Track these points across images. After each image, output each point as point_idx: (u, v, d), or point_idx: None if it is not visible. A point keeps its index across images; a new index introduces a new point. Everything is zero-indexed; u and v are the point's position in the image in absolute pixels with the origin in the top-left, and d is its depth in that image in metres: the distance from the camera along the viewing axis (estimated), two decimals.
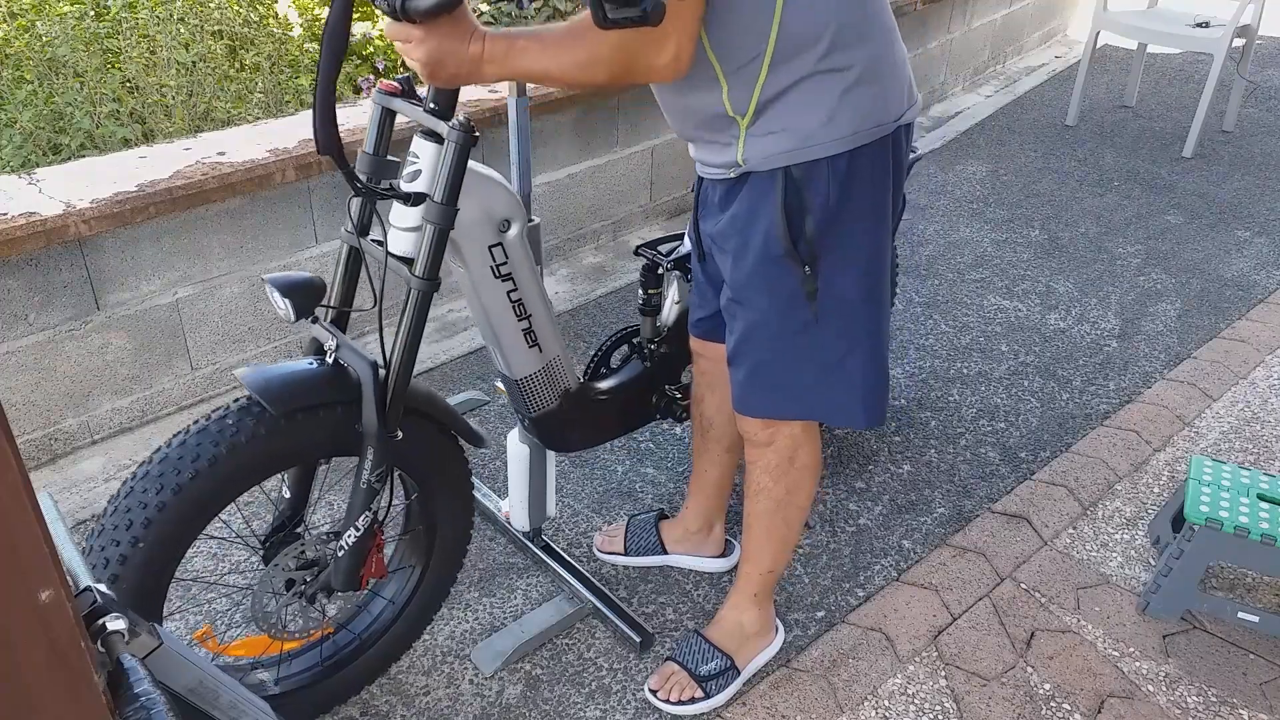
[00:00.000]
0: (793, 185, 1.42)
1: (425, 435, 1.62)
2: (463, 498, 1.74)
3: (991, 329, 3.10)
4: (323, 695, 1.75)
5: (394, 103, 1.50)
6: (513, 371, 1.73)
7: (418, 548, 1.77)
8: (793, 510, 1.75)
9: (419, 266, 1.45)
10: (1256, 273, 3.48)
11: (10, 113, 2.98)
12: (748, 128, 1.42)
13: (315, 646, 1.74)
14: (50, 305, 2.28)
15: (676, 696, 1.81)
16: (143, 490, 1.40)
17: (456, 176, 1.42)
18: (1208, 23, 4.45)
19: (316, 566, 1.62)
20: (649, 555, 2.13)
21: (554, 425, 1.83)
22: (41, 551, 0.60)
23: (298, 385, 1.46)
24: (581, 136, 3.30)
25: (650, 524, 2.16)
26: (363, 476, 1.50)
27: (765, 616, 1.90)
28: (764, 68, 1.36)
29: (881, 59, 1.42)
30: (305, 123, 2.75)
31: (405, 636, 1.82)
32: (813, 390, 1.59)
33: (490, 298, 1.62)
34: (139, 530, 1.38)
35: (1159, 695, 1.88)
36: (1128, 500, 2.38)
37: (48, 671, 0.64)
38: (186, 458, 1.40)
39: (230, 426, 1.42)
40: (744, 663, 1.87)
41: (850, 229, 1.47)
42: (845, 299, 1.51)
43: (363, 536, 1.55)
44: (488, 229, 1.56)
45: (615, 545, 2.15)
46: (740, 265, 1.53)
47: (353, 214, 1.54)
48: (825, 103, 1.38)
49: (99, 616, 0.80)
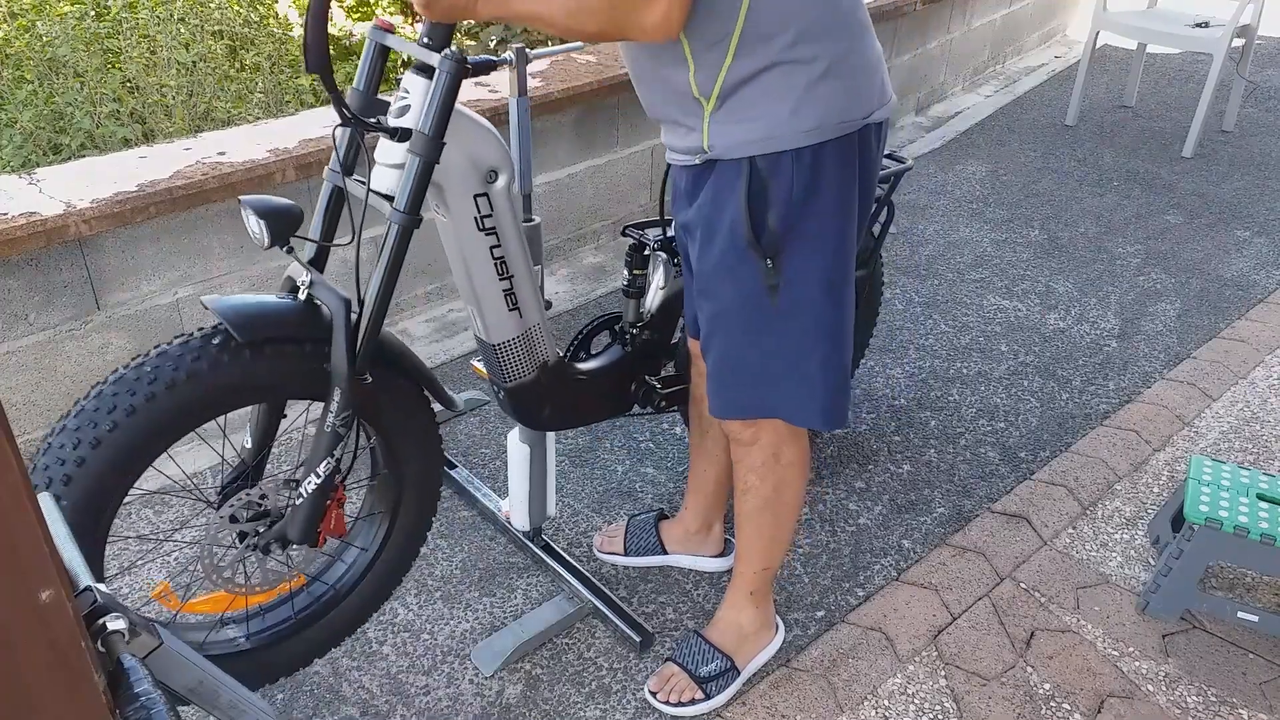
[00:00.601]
0: (758, 176, 1.43)
1: (394, 386, 1.57)
2: (430, 453, 1.69)
3: (991, 329, 3.10)
4: (300, 648, 1.71)
5: (388, 39, 1.49)
6: (490, 335, 1.67)
7: (386, 496, 1.72)
8: (782, 507, 1.75)
9: (400, 200, 1.42)
10: (1256, 273, 3.48)
11: (10, 113, 2.99)
12: (712, 113, 1.43)
13: (288, 600, 1.69)
14: (50, 305, 2.29)
15: (676, 698, 1.81)
16: (94, 410, 1.34)
17: (445, 107, 1.39)
18: (1208, 23, 4.45)
19: (269, 517, 1.57)
20: (648, 555, 2.13)
21: (528, 398, 1.77)
22: (41, 551, 0.60)
23: (266, 316, 1.41)
24: (581, 136, 3.31)
25: (650, 524, 2.16)
26: (327, 420, 1.45)
27: (764, 614, 1.90)
28: (730, 51, 1.37)
29: (850, 55, 1.42)
30: (305, 123, 2.75)
31: (382, 585, 1.77)
32: (772, 387, 1.59)
33: (471, 251, 1.57)
34: (86, 450, 1.32)
35: (1159, 695, 1.88)
36: (1127, 500, 2.38)
37: (48, 671, 0.64)
38: (143, 379, 1.34)
39: (193, 351, 1.37)
40: (744, 662, 1.87)
41: (814, 225, 1.47)
42: (806, 296, 1.51)
43: (322, 485, 1.49)
44: (473, 176, 1.52)
45: (615, 545, 2.15)
46: (706, 255, 1.53)
47: (339, 148, 1.51)
48: (790, 94, 1.39)
49: (99, 616, 0.81)
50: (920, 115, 5.03)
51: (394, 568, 1.78)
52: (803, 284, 1.50)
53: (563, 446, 2.51)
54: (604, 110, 3.33)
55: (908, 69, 4.81)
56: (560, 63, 3.31)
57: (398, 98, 1.46)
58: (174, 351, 1.37)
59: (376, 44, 1.49)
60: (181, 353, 1.37)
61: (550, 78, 3.17)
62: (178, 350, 1.37)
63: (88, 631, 0.75)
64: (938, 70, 5.11)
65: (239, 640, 1.65)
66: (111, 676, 0.77)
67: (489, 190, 1.54)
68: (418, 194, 1.42)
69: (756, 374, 1.59)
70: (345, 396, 1.45)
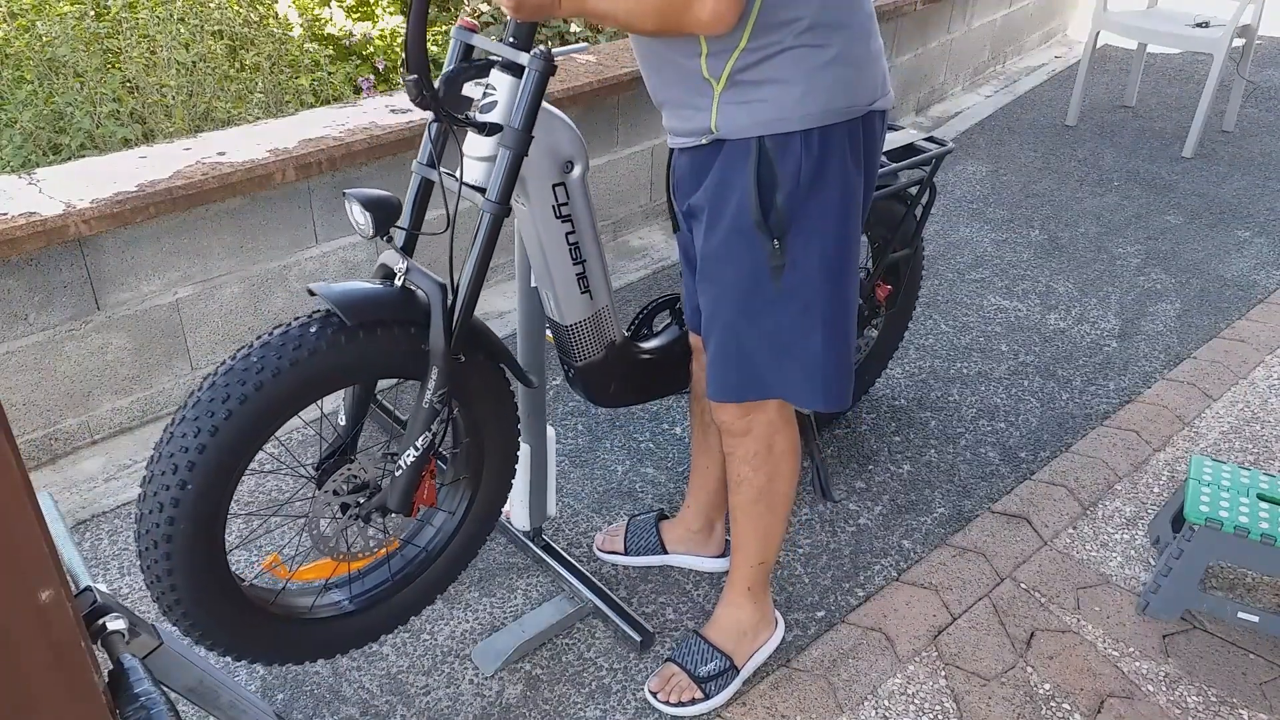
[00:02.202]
0: (765, 156, 1.45)
1: (480, 365, 1.67)
2: (508, 425, 1.79)
3: (991, 329, 3.10)
4: (398, 608, 1.81)
5: (473, 38, 1.56)
6: (563, 317, 1.77)
7: (470, 465, 1.81)
8: (776, 498, 1.76)
9: (491, 190, 1.50)
10: (1256, 273, 3.48)
11: (10, 113, 2.99)
12: (721, 93, 1.44)
13: (383, 563, 1.79)
14: (50, 305, 2.29)
15: (676, 698, 1.81)
16: (225, 384, 1.42)
17: (535, 102, 1.47)
18: (1208, 23, 4.46)
19: (368, 489, 1.66)
20: (649, 555, 2.13)
21: (596, 376, 1.88)
22: (41, 551, 0.60)
23: (372, 300, 1.51)
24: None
25: (650, 524, 2.16)
26: (425, 397, 1.54)
27: (762, 611, 1.90)
28: (744, 35, 1.38)
29: (858, 44, 1.45)
30: (305, 123, 2.75)
31: (468, 546, 1.86)
32: (773, 368, 1.61)
33: (549, 237, 1.66)
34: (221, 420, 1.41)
35: (1159, 695, 1.88)
36: (1128, 500, 2.38)
37: (48, 671, 0.64)
38: (270, 358, 1.43)
39: (312, 335, 1.46)
40: (743, 660, 1.87)
41: (819, 207, 1.49)
42: (809, 278, 1.53)
43: (420, 457, 1.59)
44: (553, 167, 1.61)
45: (615, 545, 2.15)
46: (711, 236, 1.55)
47: (431, 142, 1.60)
48: (800, 78, 1.41)
49: (99, 616, 0.81)
50: (920, 115, 5.03)
51: (477, 531, 1.87)
52: (806, 265, 1.52)
53: (563, 446, 2.51)
54: (604, 110, 3.33)
55: (908, 69, 4.81)
56: (560, 63, 3.31)
57: (485, 94, 1.53)
58: (294, 334, 1.46)
59: (461, 43, 1.57)
60: (302, 335, 1.46)
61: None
62: (297, 333, 1.46)
63: (88, 631, 0.75)
64: (938, 70, 5.11)
65: (343, 603, 1.76)
66: (111, 676, 0.77)
67: (566, 180, 1.64)
68: (508, 185, 1.50)
69: (757, 355, 1.60)
70: (442, 375, 1.54)
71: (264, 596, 1.64)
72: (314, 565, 1.70)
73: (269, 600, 1.64)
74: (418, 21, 1.37)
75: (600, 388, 1.92)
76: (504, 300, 3.16)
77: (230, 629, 1.56)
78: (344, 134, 2.67)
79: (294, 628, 1.68)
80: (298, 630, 1.69)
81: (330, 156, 2.59)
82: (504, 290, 3.21)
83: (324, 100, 3.52)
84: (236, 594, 1.55)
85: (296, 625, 1.68)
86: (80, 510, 2.26)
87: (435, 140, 1.60)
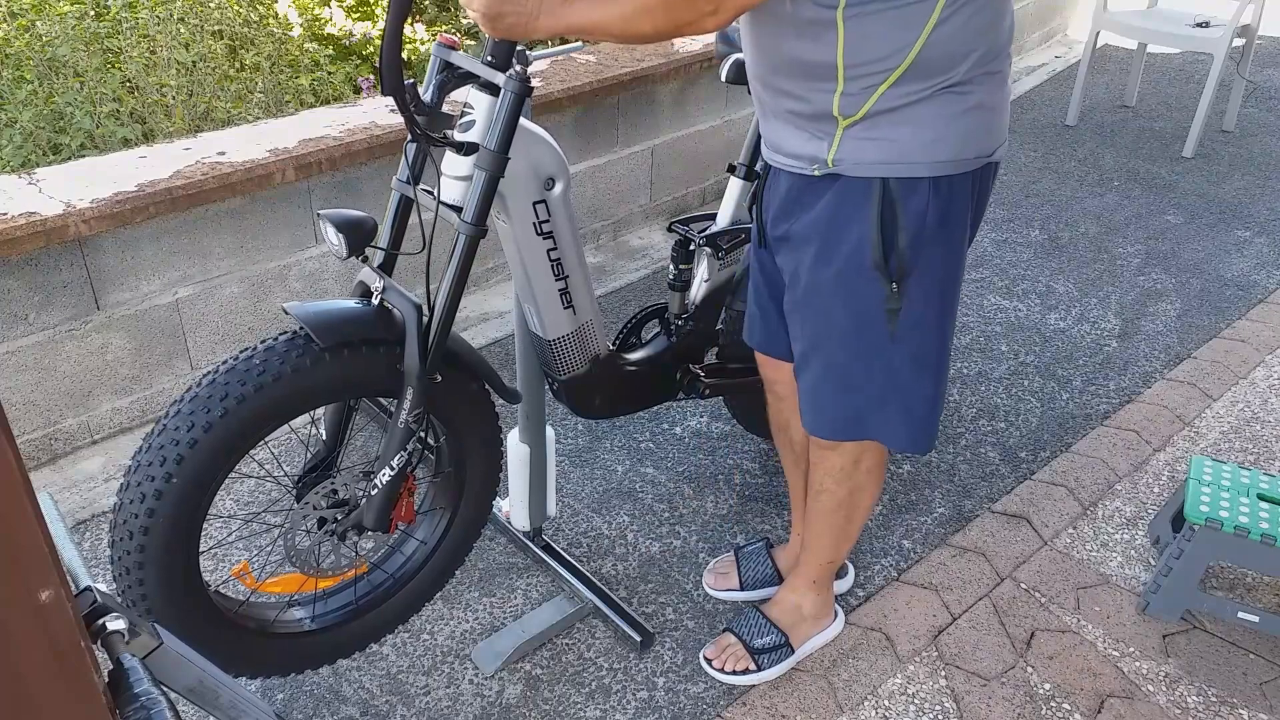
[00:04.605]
0: (889, 198, 1.40)
1: (460, 383, 1.66)
2: (492, 446, 1.78)
3: (991, 329, 3.10)
4: (357, 633, 1.80)
5: (452, 55, 1.55)
6: (546, 331, 1.77)
7: (447, 490, 1.81)
8: (856, 510, 1.76)
9: (467, 212, 1.50)
10: (1256, 273, 3.48)
11: (10, 113, 2.99)
12: (848, 127, 1.39)
13: (350, 585, 1.79)
14: (50, 305, 2.29)
15: (731, 666, 1.84)
16: (190, 411, 1.43)
17: (510, 124, 1.47)
18: (1208, 23, 4.45)
19: (347, 505, 1.66)
20: (769, 587, 2.03)
21: (581, 389, 1.88)
22: (41, 551, 0.60)
23: (345, 320, 1.50)
24: (581, 136, 3.31)
25: (761, 553, 2.09)
26: (400, 417, 1.54)
27: (824, 601, 1.92)
28: (887, 82, 1.34)
29: (998, 92, 1.41)
30: (305, 123, 2.75)
31: (437, 578, 1.86)
32: (876, 409, 1.58)
33: (530, 254, 1.66)
34: (198, 434, 1.42)
35: (1159, 695, 1.88)
36: (1128, 500, 2.38)
37: (47, 672, 0.64)
38: (234, 383, 1.44)
39: (277, 356, 1.46)
40: (799, 642, 1.90)
41: (939, 254, 1.45)
42: (923, 322, 1.50)
43: (395, 476, 1.59)
44: (533, 184, 1.61)
45: (730, 582, 2.06)
46: (820, 270, 1.50)
47: (408, 162, 1.59)
48: (936, 122, 1.36)
49: (99, 616, 0.81)
50: None
51: (449, 561, 1.87)
52: (921, 310, 1.49)
53: (563, 446, 2.51)
54: (604, 110, 3.32)
55: None
56: (560, 63, 3.31)
57: (463, 112, 1.53)
58: (259, 358, 1.46)
59: (441, 60, 1.56)
60: (267, 358, 1.46)
61: (550, 78, 3.17)
62: (263, 356, 1.46)
63: (88, 631, 0.75)
64: None
65: (304, 621, 1.75)
66: (111, 676, 0.77)
67: (547, 197, 1.63)
68: (483, 206, 1.50)
69: (862, 395, 1.57)
70: (417, 395, 1.53)
71: (228, 605, 1.64)
72: (282, 578, 1.69)
73: (232, 609, 1.64)
74: (392, 41, 1.35)
75: (585, 401, 1.91)
76: (504, 301, 3.16)
77: (192, 634, 1.53)
78: (344, 134, 2.67)
79: (251, 639, 1.66)
80: (255, 642, 1.67)
81: (330, 156, 2.59)
82: (504, 290, 3.22)
83: (324, 100, 3.52)
84: (203, 598, 1.55)
85: (254, 637, 1.67)
86: (80, 510, 2.26)
87: (412, 158, 1.60)
